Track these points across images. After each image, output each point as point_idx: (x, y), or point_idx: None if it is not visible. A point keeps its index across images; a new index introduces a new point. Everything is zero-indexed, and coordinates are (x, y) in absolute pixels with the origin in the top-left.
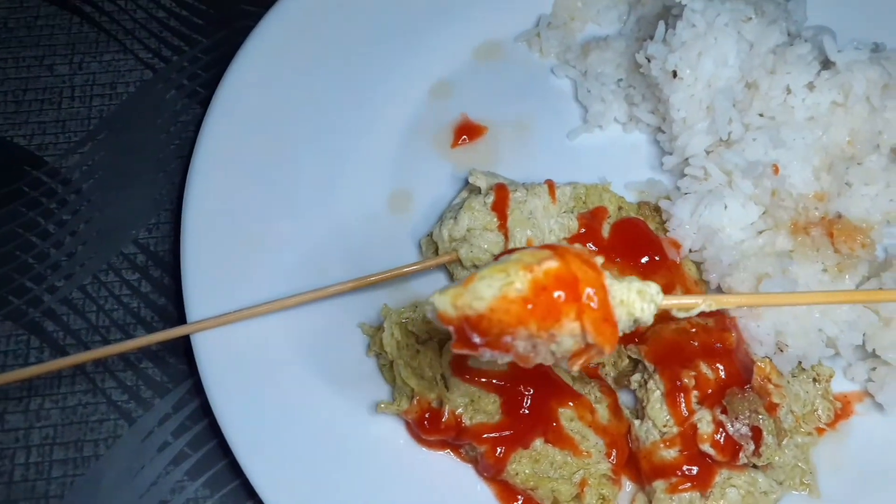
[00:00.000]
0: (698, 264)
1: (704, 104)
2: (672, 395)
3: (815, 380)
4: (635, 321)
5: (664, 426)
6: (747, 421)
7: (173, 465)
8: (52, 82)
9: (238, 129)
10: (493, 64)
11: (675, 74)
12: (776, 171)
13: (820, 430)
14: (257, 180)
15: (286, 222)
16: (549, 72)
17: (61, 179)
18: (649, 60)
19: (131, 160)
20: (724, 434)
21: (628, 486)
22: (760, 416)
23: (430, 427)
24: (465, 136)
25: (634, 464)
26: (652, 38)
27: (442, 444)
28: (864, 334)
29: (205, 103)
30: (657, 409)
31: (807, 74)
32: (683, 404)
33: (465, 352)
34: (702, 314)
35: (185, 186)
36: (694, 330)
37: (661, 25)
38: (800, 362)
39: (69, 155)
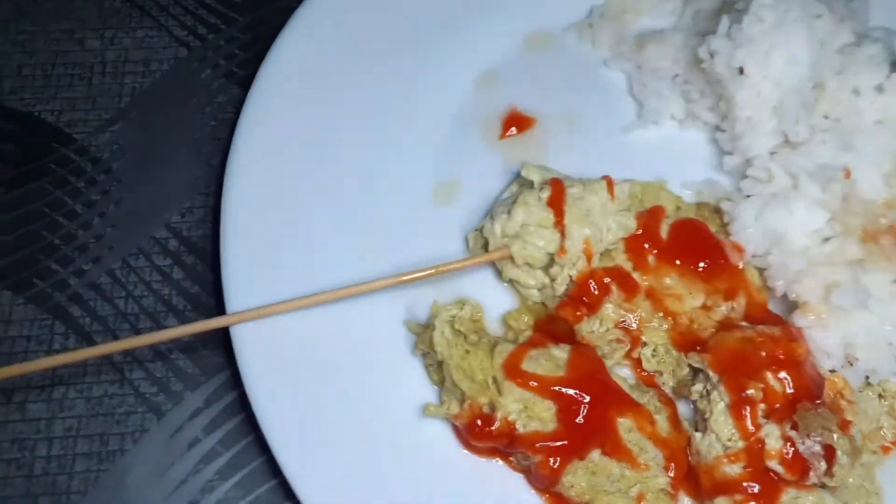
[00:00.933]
0: (761, 270)
1: (771, 103)
2: (738, 407)
3: (880, 396)
4: None
5: (728, 440)
6: (819, 438)
7: (203, 464)
8: (83, 57)
9: (280, 114)
10: (542, 54)
11: (741, 71)
12: (847, 174)
13: (885, 449)
14: (299, 167)
15: (329, 212)
16: (602, 64)
17: (90, 158)
18: (712, 56)
19: (164, 141)
20: (793, 451)
21: (686, 501)
22: (834, 434)
23: (480, 433)
24: (513, 128)
25: (693, 479)
26: (713, 32)
27: (493, 452)
28: None
29: (242, 84)
30: (721, 421)
31: (876, 76)
32: (749, 418)
33: None
34: (766, 322)
35: (226, 170)
36: (761, 339)
37: (725, 20)
38: (867, 377)
39: (99, 133)
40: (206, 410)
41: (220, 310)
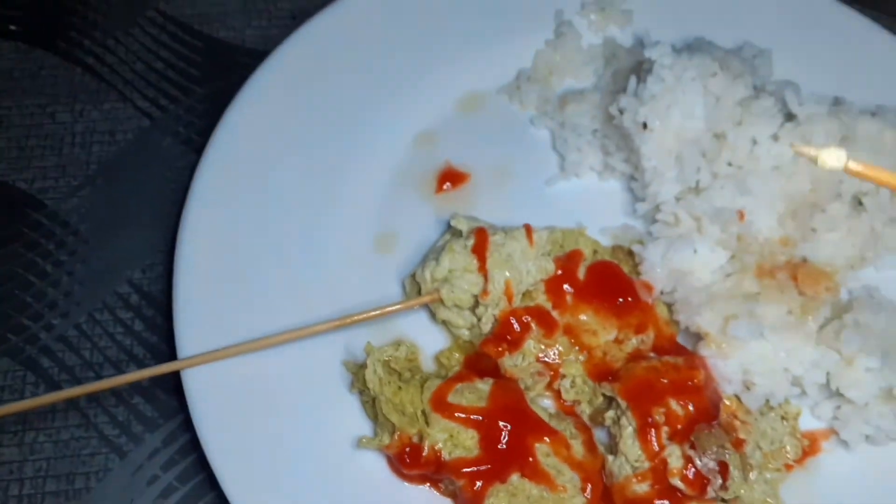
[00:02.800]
0: (669, 305)
1: (674, 154)
2: (643, 430)
3: (783, 417)
4: None
5: (636, 461)
6: (714, 456)
7: (162, 498)
8: (54, 129)
9: (230, 175)
10: (475, 115)
11: (644, 126)
12: (741, 217)
13: (788, 467)
14: (247, 224)
15: (276, 263)
16: (529, 122)
17: (60, 221)
18: (621, 112)
19: (128, 204)
20: (693, 469)
21: None
22: (727, 451)
23: (410, 461)
24: (448, 183)
25: (608, 498)
26: (625, 90)
27: (422, 479)
28: (827, 373)
29: (200, 150)
30: (629, 444)
31: (771, 126)
32: (654, 440)
33: None
34: (673, 352)
35: (179, 228)
36: (665, 368)
37: (633, 79)
38: (767, 400)
39: (68, 198)
40: (163, 450)
41: (174, 357)
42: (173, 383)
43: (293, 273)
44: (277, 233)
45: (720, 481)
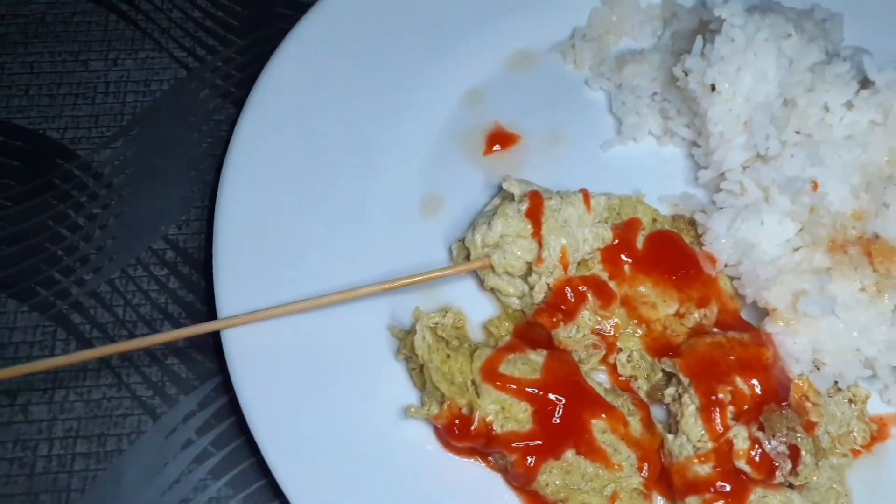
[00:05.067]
0: (733, 279)
1: (742, 119)
2: (707, 409)
3: (850, 400)
4: None
5: (698, 441)
6: (785, 439)
7: (196, 464)
8: (87, 77)
9: (271, 130)
10: (526, 73)
11: (713, 88)
12: (815, 187)
13: (855, 452)
14: (289, 181)
15: (318, 222)
16: (584, 83)
17: (93, 173)
18: (687, 74)
19: (163, 157)
20: (760, 451)
21: (659, 501)
22: (798, 435)
23: (459, 433)
24: (497, 145)
25: (666, 479)
26: (689, 52)
27: (471, 452)
28: None
29: (238, 103)
30: (692, 423)
31: (846, 93)
32: (719, 420)
33: None
34: (737, 328)
35: (219, 184)
36: (730, 345)
37: (699, 40)
38: (836, 382)
39: (101, 149)
40: (199, 413)
41: (212, 317)
42: (211, 344)
43: (336, 233)
44: (320, 191)
45: (790, 466)
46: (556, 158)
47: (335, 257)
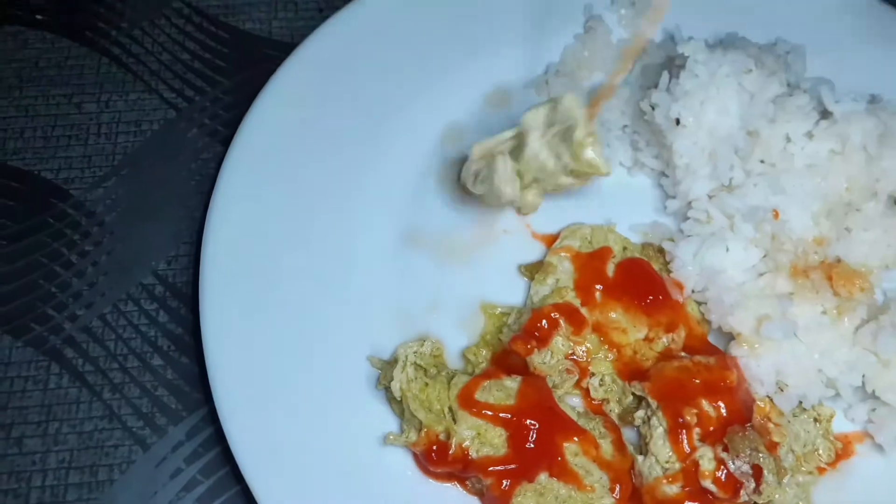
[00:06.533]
0: (700, 304)
1: (707, 151)
2: (674, 431)
3: (815, 420)
4: None
5: (667, 462)
6: (748, 459)
7: (185, 492)
8: (80, 119)
9: (257, 167)
10: (503, 110)
11: (678, 122)
12: (776, 215)
13: (821, 470)
14: (274, 216)
15: (302, 257)
16: None
17: (85, 212)
18: (653, 108)
19: (153, 195)
20: (725, 471)
21: None
22: (761, 455)
23: (437, 459)
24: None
25: (638, 499)
26: (656, 86)
27: (449, 477)
28: (863, 375)
29: (225, 142)
30: (660, 445)
31: (806, 124)
32: (685, 441)
33: None
34: (704, 352)
35: (206, 220)
36: (696, 368)
37: (665, 75)
38: (800, 402)
39: (94, 189)
40: (187, 443)
41: (199, 349)
42: (198, 375)
43: (320, 267)
44: (304, 226)
45: (753, 485)
46: None
47: (320, 291)
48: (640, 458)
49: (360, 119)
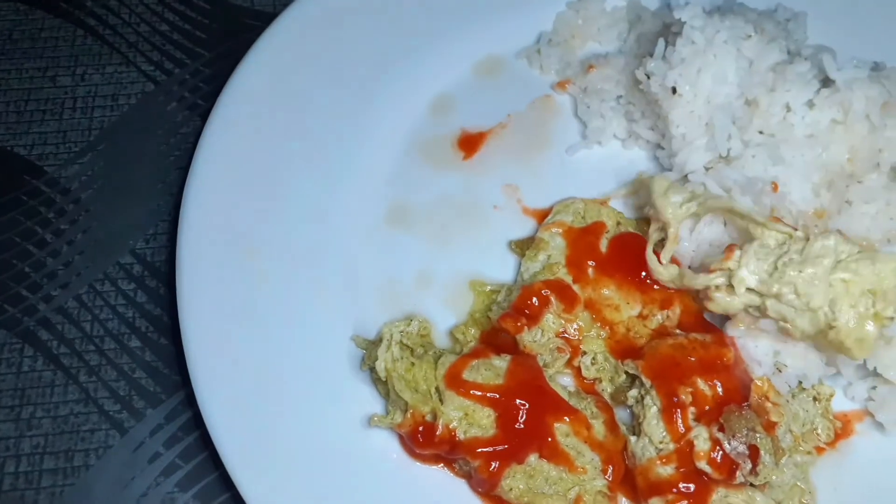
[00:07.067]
0: None
1: (704, 120)
2: (668, 411)
3: (815, 399)
4: None
5: (660, 443)
6: (744, 439)
7: (164, 477)
8: (55, 93)
9: (236, 141)
10: (493, 79)
11: (674, 91)
12: (775, 188)
13: (819, 450)
14: (254, 192)
15: (282, 234)
16: (549, 88)
17: (60, 189)
18: (649, 77)
19: (131, 171)
20: (720, 452)
21: (624, 502)
22: (758, 435)
23: (423, 441)
24: (464, 152)
25: (630, 481)
26: (652, 54)
27: (436, 459)
28: None
29: (205, 115)
30: (653, 425)
31: (806, 92)
32: (680, 421)
33: None
34: (700, 329)
35: (183, 197)
36: (692, 346)
37: (661, 42)
38: (800, 381)
39: (69, 165)
40: (166, 426)
41: (177, 329)
42: (177, 356)
43: (301, 243)
44: (285, 202)
45: (750, 466)
46: (523, 164)
47: (300, 267)
48: (633, 438)
49: (343, 90)
